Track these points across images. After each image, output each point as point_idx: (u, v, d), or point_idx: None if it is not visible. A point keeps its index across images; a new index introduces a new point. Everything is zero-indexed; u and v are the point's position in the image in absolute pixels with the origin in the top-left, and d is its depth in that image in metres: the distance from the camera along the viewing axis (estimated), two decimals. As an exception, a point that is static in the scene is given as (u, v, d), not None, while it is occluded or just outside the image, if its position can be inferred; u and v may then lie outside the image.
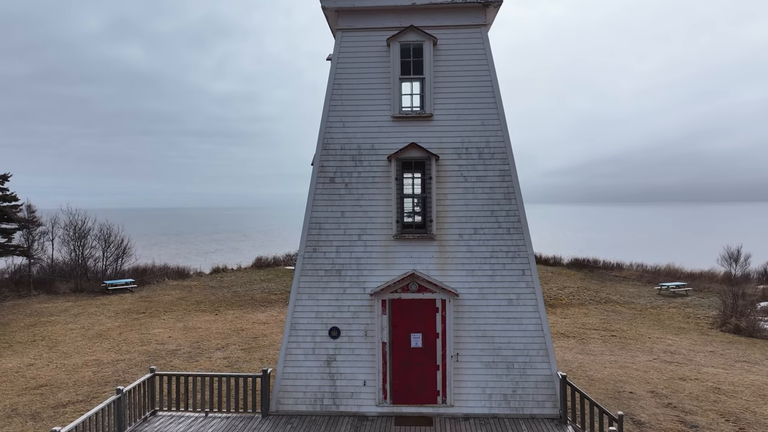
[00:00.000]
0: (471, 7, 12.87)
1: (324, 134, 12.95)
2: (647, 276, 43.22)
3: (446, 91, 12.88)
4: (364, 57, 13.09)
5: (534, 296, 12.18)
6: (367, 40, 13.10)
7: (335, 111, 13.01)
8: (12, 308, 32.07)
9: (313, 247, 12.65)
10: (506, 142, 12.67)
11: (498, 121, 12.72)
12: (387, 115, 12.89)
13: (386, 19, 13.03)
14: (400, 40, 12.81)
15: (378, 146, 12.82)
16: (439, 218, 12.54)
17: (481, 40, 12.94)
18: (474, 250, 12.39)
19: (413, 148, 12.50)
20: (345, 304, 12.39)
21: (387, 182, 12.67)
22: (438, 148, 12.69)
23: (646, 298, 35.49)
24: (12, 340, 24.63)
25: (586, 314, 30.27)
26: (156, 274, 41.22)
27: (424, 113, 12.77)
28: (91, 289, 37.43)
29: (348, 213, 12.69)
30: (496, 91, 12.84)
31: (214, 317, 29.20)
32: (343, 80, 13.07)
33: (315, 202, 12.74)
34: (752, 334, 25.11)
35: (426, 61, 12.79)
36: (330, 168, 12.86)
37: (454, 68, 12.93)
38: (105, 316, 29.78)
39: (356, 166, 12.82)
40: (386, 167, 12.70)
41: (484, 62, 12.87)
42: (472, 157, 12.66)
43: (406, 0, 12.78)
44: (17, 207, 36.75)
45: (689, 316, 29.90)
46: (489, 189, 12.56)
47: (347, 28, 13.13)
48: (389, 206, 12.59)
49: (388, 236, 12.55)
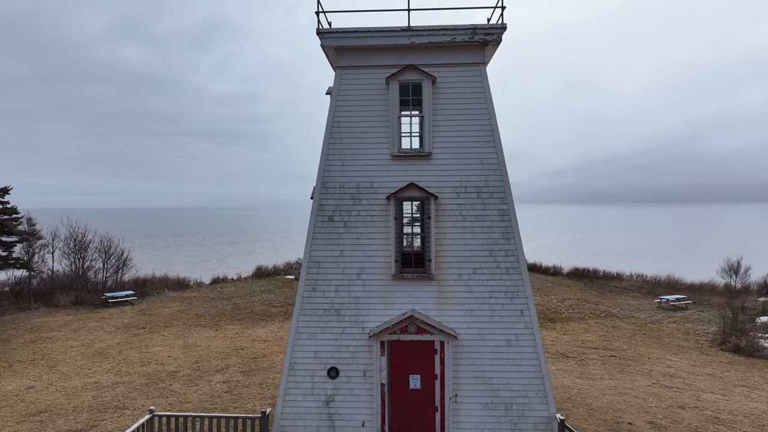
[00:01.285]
0: (470, 46, 12.88)
1: (323, 173, 12.96)
2: (647, 287, 43.24)
3: (445, 129, 12.89)
4: (363, 94, 13.10)
5: (533, 337, 12.20)
6: (367, 78, 13.11)
7: (334, 149, 13.02)
8: (12, 322, 32.11)
9: (312, 286, 12.67)
10: (505, 181, 12.69)
11: (497, 160, 12.73)
12: (386, 154, 12.90)
13: (385, 57, 13.04)
14: (399, 78, 12.82)
15: (377, 185, 12.83)
16: (437, 258, 12.55)
17: (480, 78, 12.95)
18: (473, 290, 12.41)
19: (412, 188, 12.52)
20: (344, 343, 12.41)
21: (386, 221, 12.68)
22: (437, 188, 12.70)
23: (645, 312, 35.49)
24: (12, 358, 24.66)
25: (585, 330, 30.30)
26: (156, 285, 41.24)
27: (423, 152, 12.78)
28: (92, 302, 37.46)
29: (347, 252, 12.70)
30: (495, 129, 12.85)
31: (214, 333, 29.23)
32: (343, 118, 13.08)
33: (314, 241, 12.75)
34: (752, 353, 25.12)
35: (425, 99, 12.80)
36: (329, 206, 12.87)
37: (453, 106, 12.94)
38: (105, 332, 29.82)
39: (355, 204, 12.83)
40: (385, 206, 12.71)
41: (483, 100, 12.88)
42: (471, 197, 12.67)
43: (405, 39, 12.79)
44: (17, 220, 36.78)
45: (689, 332, 29.90)
46: (488, 228, 12.57)
47: (346, 65, 13.14)
48: (388, 245, 12.60)
49: (387, 276, 12.57)
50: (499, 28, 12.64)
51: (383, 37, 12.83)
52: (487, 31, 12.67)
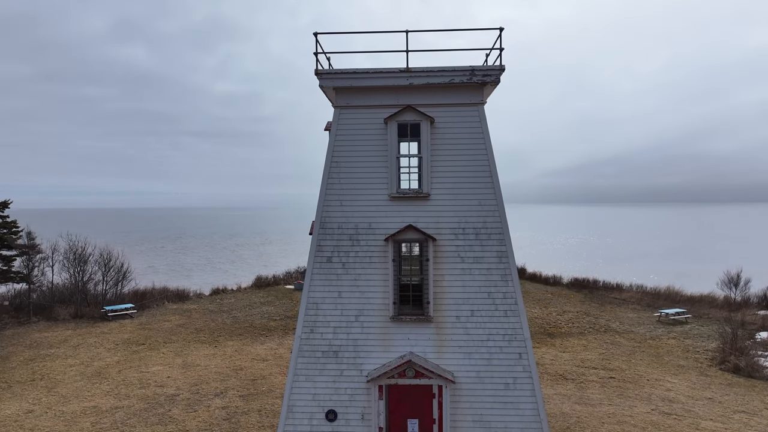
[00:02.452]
0: (468, 86, 12.87)
1: (321, 213, 12.95)
2: (647, 299, 43.22)
3: (444, 170, 12.88)
4: (362, 134, 13.09)
5: (531, 380, 12.19)
6: (365, 117, 13.10)
7: (333, 189, 13.01)
8: (11, 338, 32.12)
9: (310, 328, 12.66)
10: (503, 222, 12.67)
11: (495, 201, 12.72)
12: (385, 194, 12.89)
13: (384, 97, 13.03)
14: (398, 119, 12.81)
15: (375, 226, 12.82)
16: (436, 300, 12.54)
17: (478, 119, 12.94)
18: (471, 332, 12.40)
19: (410, 230, 12.51)
20: (342, 386, 12.41)
21: (384, 263, 12.67)
22: (435, 229, 12.69)
23: (645, 326, 35.47)
24: (11, 378, 24.67)
25: (585, 347, 30.28)
26: (156, 297, 41.25)
27: (421, 193, 12.77)
28: (91, 315, 37.46)
29: (345, 293, 12.70)
30: (493, 169, 12.84)
31: (214, 350, 29.23)
32: (341, 157, 13.07)
33: (312, 282, 12.74)
34: (751, 374, 25.09)
35: (423, 140, 12.79)
36: (327, 247, 12.86)
37: (452, 146, 12.93)
38: (104, 348, 29.82)
39: (353, 245, 12.82)
40: (383, 247, 12.70)
41: (481, 140, 12.87)
42: (469, 238, 12.66)
43: (404, 80, 12.78)
44: (17, 233, 36.79)
45: (688, 349, 29.89)
46: (486, 270, 12.56)
47: (345, 105, 13.14)
48: (386, 287, 12.60)
49: (385, 317, 12.56)
50: (497, 69, 12.62)
51: (382, 78, 12.82)
52: (485, 73, 12.66)
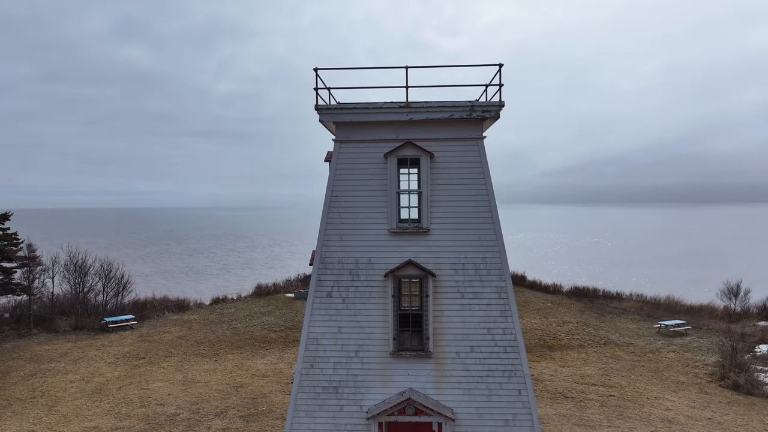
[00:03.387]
0: (468, 121, 12.89)
1: (321, 248, 12.97)
2: (647, 309, 43.26)
3: (443, 204, 12.90)
4: (362, 168, 13.11)
5: (530, 417, 12.22)
6: (365, 152, 13.12)
7: (333, 224, 13.04)
8: (12, 351, 32.16)
9: (310, 363, 12.69)
10: (503, 257, 12.70)
11: (494, 236, 12.74)
12: (384, 229, 12.91)
13: (384, 132, 13.05)
14: (398, 154, 12.83)
15: (375, 260, 12.85)
16: (435, 335, 12.57)
17: (477, 153, 12.96)
18: (471, 368, 12.43)
19: (410, 266, 12.54)
20: (342, 422, 12.44)
21: (384, 298, 12.70)
22: (435, 264, 12.71)
23: (645, 338, 35.51)
24: (12, 395, 24.71)
25: (585, 361, 30.32)
26: (156, 307, 41.29)
27: (421, 228, 12.80)
28: (91, 326, 37.50)
29: (345, 329, 12.72)
30: (493, 204, 12.86)
31: (214, 365, 29.27)
32: (341, 192, 13.10)
33: (312, 318, 12.77)
34: (751, 391, 25.13)
35: (423, 175, 12.81)
36: (327, 282, 12.89)
37: (451, 181, 12.95)
38: (105, 363, 29.86)
39: (353, 280, 12.85)
40: (383, 282, 12.73)
41: (481, 175, 12.89)
42: (469, 273, 12.68)
43: (404, 115, 12.80)
44: (18, 245, 36.84)
45: (688, 363, 29.92)
46: (485, 306, 12.58)
47: (345, 139, 13.16)
48: (386, 322, 12.62)
49: (385, 353, 12.59)
50: (497, 105, 12.65)
51: (382, 113, 12.84)
52: (485, 108, 12.68)
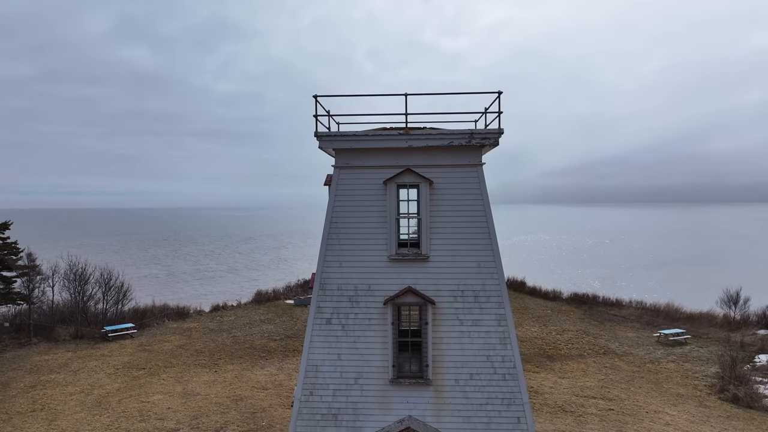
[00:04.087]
0: (467, 147, 12.91)
1: (321, 274, 13.00)
2: (647, 316, 43.26)
3: (442, 231, 12.92)
4: (361, 195, 13.13)
5: (529, 445, 12.23)
6: (365, 178, 13.14)
7: (332, 250, 13.06)
8: (12, 362, 32.17)
9: (309, 390, 12.71)
10: (502, 285, 12.72)
11: (494, 263, 12.76)
12: (384, 256, 12.93)
13: (383, 158, 13.07)
14: (397, 181, 12.86)
15: (375, 287, 12.87)
16: (435, 363, 12.59)
17: (477, 180, 12.98)
18: (470, 396, 12.45)
19: (409, 294, 12.56)
20: (341, 450, 12.46)
21: (383, 325, 12.71)
22: (434, 291, 12.74)
23: (644, 347, 35.53)
24: (12, 409, 24.72)
25: (584, 372, 30.34)
26: (156, 315, 41.31)
27: (420, 255, 12.82)
28: (91, 335, 37.51)
29: (344, 356, 12.75)
30: (492, 231, 12.88)
31: (214, 376, 29.29)
32: (340, 218, 13.12)
33: (312, 344, 12.79)
34: (750, 404, 25.15)
35: (422, 202, 12.83)
36: (327, 309, 12.91)
37: (451, 207, 12.97)
38: (105, 374, 29.87)
39: (353, 307, 12.87)
40: (383, 309, 12.75)
41: (480, 202, 12.91)
42: (468, 300, 12.70)
43: (403, 143, 12.82)
44: (18, 253, 36.86)
45: (687, 375, 29.93)
46: (485, 333, 12.61)
47: (344, 165, 13.18)
48: (386, 350, 12.64)
49: (384, 380, 12.61)
50: (496, 133, 12.67)
51: (381, 140, 12.87)
52: (484, 136, 12.70)
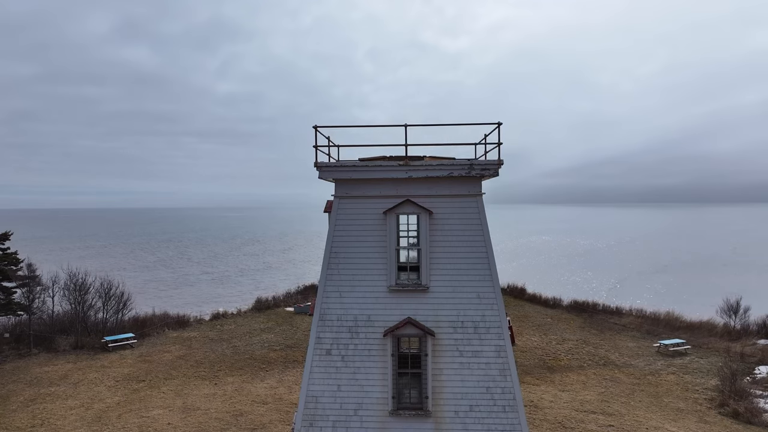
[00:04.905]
0: (467, 177, 12.90)
1: (321, 304, 12.99)
2: (647, 325, 43.24)
3: (442, 261, 12.90)
4: (361, 224, 13.12)
5: (529, 477, 12.22)
6: (365, 208, 13.13)
7: (332, 280, 13.05)
8: (12, 373, 32.16)
9: (309, 422, 12.70)
10: (501, 316, 12.71)
11: (494, 294, 12.75)
12: (384, 286, 12.92)
13: (383, 188, 13.06)
14: (397, 212, 12.85)
15: (374, 318, 12.86)
16: (434, 394, 12.58)
17: (477, 210, 12.96)
18: (470, 428, 12.44)
19: (409, 325, 12.55)
20: (341, 482, 12.45)
21: (383, 356, 12.70)
22: (434, 322, 12.73)
23: (644, 358, 35.52)
24: (11, 424, 24.72)
25: (584, 384, 30.33)
26: (156, 324, 41.32)
27: (420, 285, 12.80)
28: (92, 345, 37.50)
29: (344, 387, 12.74)
30: (492, 262, 12.87)
31: (214, 389, 29.29)
32: (340, 248, 13.11)
33: (311, 376, 12.79)
34: (750, 420, 25.14)
35: (422, 233, 12.82)
36: (326, 340, 12.90)
37: (450, 238, 12.95)
38: (105, 386, 29.87)
39: (353, 338, 12.86)
40: (383, 341, 12.73)
41: (480, 232, 12.90)
42: (468, 332, 12.69)
43: (403, 173, 12.81)
44: (18, 263, 36.88)
45: (687, 387, 29.92)
46: (485, 365, 12.60)
47: (345, 195, 13.17)
48: (385, 381, 12.63)
49: (384, 412, 12.60)
50: (495, 164, 12.66)
51: (381, 171, 12.86)
52: (484, 167, 12.69)
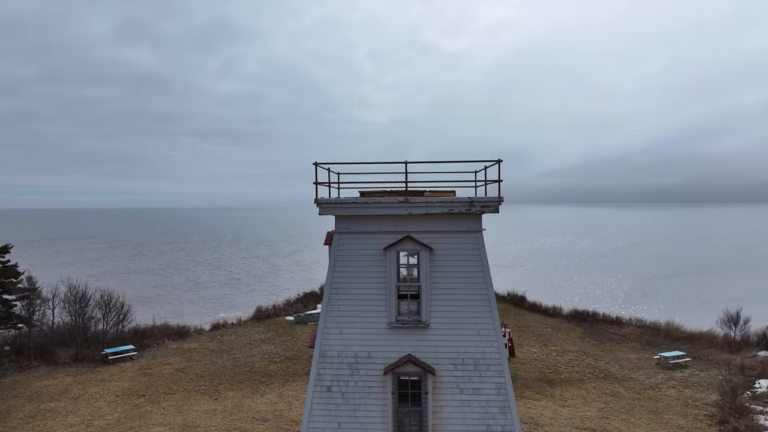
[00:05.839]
0: (468, 214, 12.90)
1: (321, 341, 13.00)
2: (647, 335, 43.23)
3: (442, 298, 12.91)
4: (361, 260, 13.13)
5: None
6: (365, 244, 13.14)
7: (332, 316, 13.06)
8: (12, 387, 32.19)
9: (309, 459, 12.72)
10: (501, 353, 12.72)
11: (494, 331, 12.76)
12: (384, 323, 12.94)
13: (384, 224, 13.07)
14: (397, 248, 12.86)
15: (375, 354, 12.87)
16: (435, 432, 12.59)
17: (477, 246, 12.97)
18: (470, 466, 12.45)
19: (410, 364, 12.55)
20: None
21: (383, 393, 12.71)
22: (434, 359, 12.74)
23: (644, 371, 35.50)
24: (12, 442, 24.77)
25: (584, 399, 30.33)
26: (156, 335, 41.35)
27: (420, 322, 12.82)
28: (92, 358, 37.52)
29: (344, 424, 12.75)
30: (492, 298, 12.88)
31: (214, 404, 29.30)
32: (340, 284, 13.12)
33: (312, 413, 12.80)
34: (750, 438, 25.16)
35: (422, 270, 12.83)
36: (327, 376, 12.91)
37: (450, 274, 12.96)
38: (105, 402, 29.89)
39: (353, 374, 12.87)
40: (383, 378, 12.74)
41: (480, 269, 12.91)
42: (468, 369, 12.70)
43: (403, 210, 12.82)
44: (18, 276, 36.88)
45: (688, 403, 29.91)
46: (485, 402, 12.61)
47: (345, 231, 13.18)
48: (386, 418, 12.64)
49: (384, 449, 12.61)
50: (495, 201, 12.67)
51: (381, 208, 12.87)
52: (484, 204, 12.70)
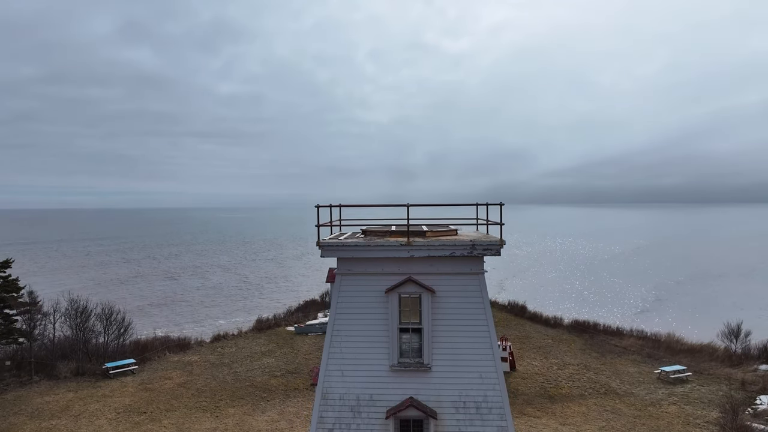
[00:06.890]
0: (469, 256, 12.90)
1: (323, 383, 13.00)
2: (647, 348, 43.22)
3: (444, 341, 12.91)
4: (363, 302, 13.14)
5: None
6: (367, 285, 13.15)
7: (334, 359, 13.06)
8: (14, 404, 32.21)
9: (312, 503, 12.73)
10: (504, 397, 12.72)
11: (496, 375, 12.76)
12: (385, 365, 12.94)
13: (386, 266, 13.08)
14: (399, 291, 12.85)
15: (377, 397, 12.87)
16: (437, 476, 12.59)
17: (478, 288, 12.97)
18: None
19: (411, 407, 12.55)
20: None
21: (385, 437, 12.71)
22: (436, 402, 12.74)
23: (645, 386, 35.50)
24: (13, 465, 24.79)
25: (585, 416, 30.34)
26: (157, 348, 41.37)
27: (422, 365, 12.81)
28: (93, 372, 37.56)
29: (346, 467, 12.75)
30: (494, 341, 12.88)
31: (215, 423, 29.32)
32: (342, 326, 13.12)
33: (314, 456, 12.80)
34: (751, 459, 25.20)
35: (424, 312, 12.83)
36: (329, 420, 12.92)
37: (452, 316, 12.96)
38: (106, 420, 29.91)
39: (355, 417, 12.88)
40: (384, 421, 12.74)
41: (482, 311, 12.91)
42: (470, 412, 12.70)
43: (405, 253, 12.82)
44: (19, 290, 36.90)
45: (689, 420, 29.91)
46: (487, 447, 12.60)
47: (347, 272, 13.17)
48: (388, 462, 12.65)
49: (386, 494, 12.61)
50: (497, 244, 12.66)
51: (383, 251, 12.87)
52: (486, 247, 12.70)
